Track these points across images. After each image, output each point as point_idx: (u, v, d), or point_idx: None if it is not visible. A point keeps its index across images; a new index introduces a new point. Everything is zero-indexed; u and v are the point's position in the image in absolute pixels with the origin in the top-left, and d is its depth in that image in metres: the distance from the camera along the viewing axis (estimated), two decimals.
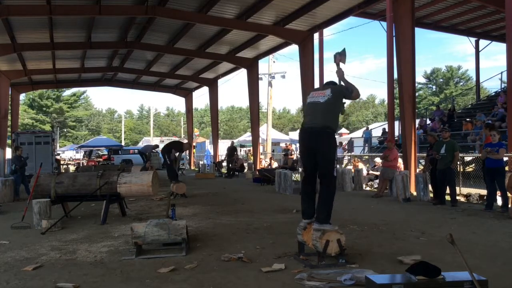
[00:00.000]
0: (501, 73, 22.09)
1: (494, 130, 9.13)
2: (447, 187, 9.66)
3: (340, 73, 5.22)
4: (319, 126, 4.99)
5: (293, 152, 22.01)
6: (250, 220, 7.87)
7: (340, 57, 5.35)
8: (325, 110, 5.04)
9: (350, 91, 5.15)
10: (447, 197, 9.71)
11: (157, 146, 22.64)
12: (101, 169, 11.86)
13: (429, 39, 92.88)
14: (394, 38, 13.92)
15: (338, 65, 5.29)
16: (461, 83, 61.20)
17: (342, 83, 5.24)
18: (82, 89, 62.96)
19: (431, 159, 10.16)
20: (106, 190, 8.02)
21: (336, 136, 5.36)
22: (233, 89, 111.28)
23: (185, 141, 31.20)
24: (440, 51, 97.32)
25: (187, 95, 30.98)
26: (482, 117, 17.55)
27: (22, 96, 42.85)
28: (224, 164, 23.73)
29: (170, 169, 12.64)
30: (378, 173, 13.61)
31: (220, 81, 26.82)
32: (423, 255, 5.01)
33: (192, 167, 29.22)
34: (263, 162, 22.72)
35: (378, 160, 14.81)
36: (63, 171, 22.20)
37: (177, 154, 12.82)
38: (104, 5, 14.14)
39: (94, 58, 22.40)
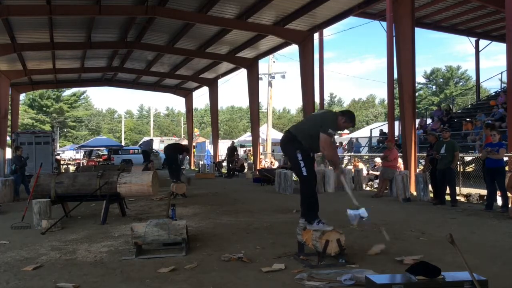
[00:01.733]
0: (501, 73, 22.08)
1: (495, 130, 9.13)
2: (447, 187, 9.66)
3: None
4: (287, 132, 5.38)
5: None
6: (250, 220, 7.87)
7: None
8: (302, 121, 5.59)
9: (326, 131, 4.92)
10: (447, 197, 9.71)
11: (152, 140, 22.67)
12: (101, 169, 11.86)
13: (429, 39, 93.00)
14: (394, 38, 13.91)
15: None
16: (461, 83, 61.22)
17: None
18: (82, 89, 63.04)
19: (431, 159, 10.16)
20: (106, 190, 8.02)
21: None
22: (233, 89, 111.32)
23: (185, 141, 31.25)
24: (440, 51, 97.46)
25: (187, 95, 30.99)
26: (482, 117, 17.55)
27: (22, 96, 42.88)
28: (224, 164, 23.74)
29: (177, 169, 13.09)
30: (378, 173, 13.61)
31: (220, 81, 26.85)
32: (423, 255, 5.01)
33: (192, 167, 29.23)
34: (263, 162, 22.72)
35: (378, 160, 14.81)
36: (63, 171, 22.20)
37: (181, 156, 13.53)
38: (104, 5, 14.14)
39: (94, 58, 22.40)
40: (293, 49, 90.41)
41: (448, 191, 9.68)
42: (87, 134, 68.66)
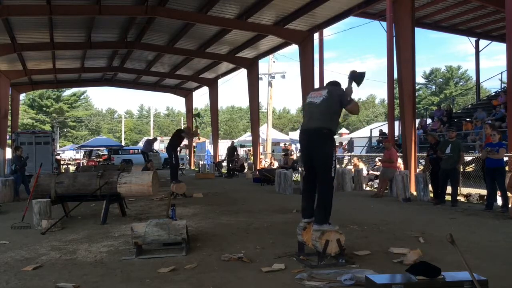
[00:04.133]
0: (501, 73, 22.09)
1: (495, 130, 9.14)
2: (447, 187, 9.65)
3: (349, 91, 5.11)
4: (313, 127, 5.06)
5: (292, 153, 22.00)
6: (250, 220, 7.87)
7: (356, 76, 5.17)
8: (320, 111, 5.09)
9: (348, 101, 5.08)
10: (447, 197, 9.71)
11: (155, 139, 22.47)
12: (101, 169, 11.87)
13: (429, 39, 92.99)
14: (394, 38, 13.91)
15: (350, 82, 5.14)
16: (461, 83, 61.23)
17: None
18: (82, 89, 63.11)
19: (431, 159, 10.16)
20: (106, 190, 8.02)
21: (336, 136, 5.38)
22: (233, 89, 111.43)
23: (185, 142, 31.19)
24: (441, 51, 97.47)
25: (187, 95, 30.98)
26: (483, 115, 17.52)
27: (22, 96, 42.83)
28: (224, 164, 23.73)
29: (173, 168, 12.67)
30: (378, 173, 13.60)
31: (220, 81, 26.82)
32: (423, 255, 5.01)
33: (192, 167, 29.22)
34: (263, 162, 22.71)
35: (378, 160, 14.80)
36: (63, 171, 22.20)
37: (185, 142, 12.96)
38: (104, 5, 14.13)
39: (94, 58, 22.39)
40: (293, 49, 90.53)
41: (448, 191, 9.67)
42: (87, 134, 68.69)
